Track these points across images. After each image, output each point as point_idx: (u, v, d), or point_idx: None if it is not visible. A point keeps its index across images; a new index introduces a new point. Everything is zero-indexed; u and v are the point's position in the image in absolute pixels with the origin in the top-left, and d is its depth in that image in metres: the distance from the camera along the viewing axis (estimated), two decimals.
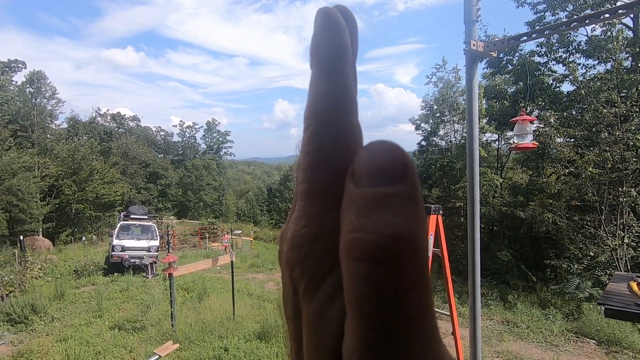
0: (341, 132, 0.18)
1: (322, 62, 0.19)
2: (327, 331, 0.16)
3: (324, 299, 0.17)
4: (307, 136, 0.18)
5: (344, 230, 0.16)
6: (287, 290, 0.19)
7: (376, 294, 0.14)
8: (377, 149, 0.16)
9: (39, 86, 27.00)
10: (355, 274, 0.14)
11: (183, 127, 50.76)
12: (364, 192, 0.15)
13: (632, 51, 12.95)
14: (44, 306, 8.56)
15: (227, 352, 6.19)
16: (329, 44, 0.19)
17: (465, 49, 3.02)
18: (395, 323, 0.14)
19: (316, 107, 0.19)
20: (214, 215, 37.58)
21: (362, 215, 0.15)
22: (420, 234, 0.15)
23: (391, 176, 0.15)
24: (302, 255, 0.17)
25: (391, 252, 0.14)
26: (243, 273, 13.17)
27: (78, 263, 13.20)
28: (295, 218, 0.18)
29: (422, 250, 0.15)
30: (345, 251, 0.15)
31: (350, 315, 0.15)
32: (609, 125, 10.86)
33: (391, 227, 0.14)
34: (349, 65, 0.20)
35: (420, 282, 0.15)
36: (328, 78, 0.19)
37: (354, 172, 0.16)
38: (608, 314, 2.48)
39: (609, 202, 10.85)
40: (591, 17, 3.08)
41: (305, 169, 0.18)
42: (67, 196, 23.41)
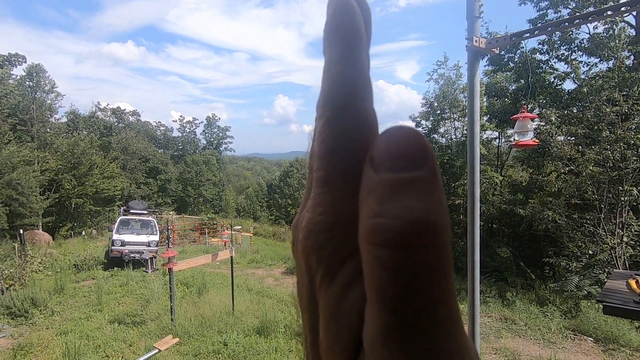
0: (358, 118, 0.18)
1: (337, 49, 0.19)
2: (346, 319, 0.16)
3: (342, 286, 0.16)
4: (322, 123, 0.18)
5: (364, 216, 0.15)
6: (303, 280, 0.19)
7: (399, 280, 0.14)
8: (396, 134, 0.16)
9: (38, 80, 26.92)
10: (377, 260, 0.14)
11: (183, 122, 50.70)
12: (384, 178, 0.15)
13: (634, 49, 12.90)
14: (44, 300, 8.58)
15: (226, 347, 6.22)
16: (343, 30, 0.19)
17: (467, 45, 3.00)
18: (419, 309, 0.14)
19: (331, 94, 0.18)
20: (214, 211, 37.60)
21: (383, 201, 0.15)
22: (442, 219, 0.15)
23: (411, 161, 0.15)
24: (319, 243, 0.17)
25: (413, 237, 0.14)
26: (242, 269, 13.20)
27: (78, 257, 13.24)
28: (312, 206, 0.18)
29: (445, 234, 0.15)
30: (366, 237, 0.15)
31: (371, 302, 0.15)
32: (610, 124, 10.84)
33: (413, 212, 0.14)
34: (364, 51, 0.19)
35: (443, 267, 0.14)
36: (343, 64, 0.19)
37: (372, 158, 0.16)
38: (607, 311, 2.49)
39: (608, 201, 10.86)
40: (594, 14, 3.07)
41: (321, 156, 0.18)
42: (66, 190, 23.42)
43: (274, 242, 23.34)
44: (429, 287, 0.14)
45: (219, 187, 43.97)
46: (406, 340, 0.14)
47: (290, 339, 6.62)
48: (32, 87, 26.66)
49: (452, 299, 0.15)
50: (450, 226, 0.15)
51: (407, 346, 0.14)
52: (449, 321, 0.15)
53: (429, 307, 0.14)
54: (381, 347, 0.14)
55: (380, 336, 0.14)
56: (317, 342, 0.18)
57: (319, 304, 0.17)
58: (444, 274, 0.15)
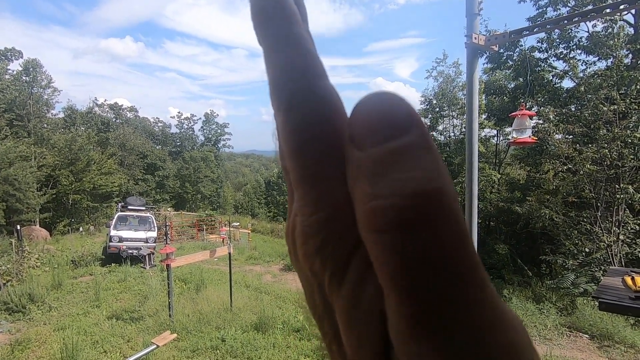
0: (317, 100, 0.16)
1: (270, 33, 0.17)
2: (367, 318, 0.14)
3: (354, 283, 0.14)
4: (281, 118, 0.16)
5: (359, 202, 0.14)
6: (311, 288, 0.17)
7: (413, 263, 0.12)
8: (372, 103, 0.14)
9: (35, 75, 26.79)
10: (384, 246, 0.13)
11: (181, 119, 50.55)
12: (370, 154, 0.14)
13: (632, 48, 12.93)
14: (42, 295, 8.58)
15: (224, 343, 6.24)
16: (271, 11, 0.17)
17: (466, 42, 3.01)
18: (442, 288, 0.12)
19: (280, 83, 0.16)
20: (212, 208, 37.58)
21: (376, 180, 0.13)
22: (445, 183, 0.13)
23: (396, 128, 0.14)
24: (319, 244, 0.15)
25: (418, 211, 0.12)
26: (240, 265, 13.21)
27: (75, 253, 13.20)
28: (299, 209, 0.16)
29: (452, 199, 0.13)
30: (367, 225, 0.13)
31: (389, 293, 0.13)
32: (608, 122, 10.89)
33: (411, 183, 0.13)
34: (301, 27, 0.18)
35: (459, 236, 0.13)
36: (283, 46, 0.17)
37: (352, 136, 0.15)
38: (602, 307, 2.51)
39: (605, 199, 10.92)
40: (593, 13, 3.07)
41: (291, 154, 0.16)
42: (64, 186, 23.34)
43: (272, 239, 23.36)
44: (449, 262, 0.12)
45: (217, 183, 43.93)
46: (435, 327, 0.12)
47: (287, 335, 6.65)
48: (28, 82, 26.52)
49: (478, 268, 0.13)
50: (455, 189, 0.13)
51: (438, 334, 0.12)
52: (478, 291, 0.13)
53: (452, 283, 0.12)
54: (409, 340, 0.12)
55: (406, 328, 0.13)
56: (343, 352, 0.15)
57: (334, 309, 0.15)
58: (461, 243, 0.13)
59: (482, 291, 0.13)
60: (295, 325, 6.96)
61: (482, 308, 0.13)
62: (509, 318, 0.13)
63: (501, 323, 0.13)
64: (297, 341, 6.43)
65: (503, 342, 0.12)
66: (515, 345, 0.13)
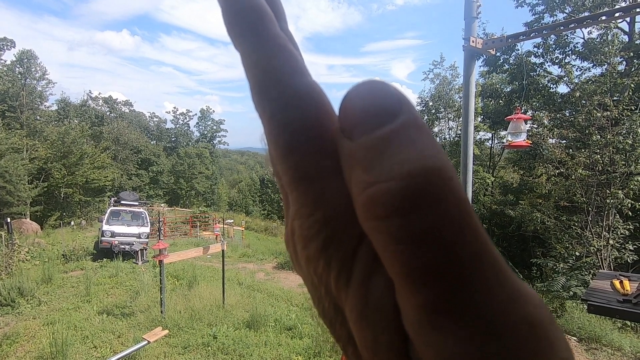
0: (301, 98, 0.15)
1: (245, 35, 0.17)
2: (379, 313, 0.13)
3: (362, 280, 0.14)
4: (268, 122, 0.16)
5: (356, 192, 0.13)
6: (318, 292, 0.16)
7: (421, 248, 0.12)
8: (359, 92, 0.14)
9: (29, 66, 26.46)
10: (388, 234, 0.12)
11: (176, 114, 50.24)
12: (363, 142, 0.13)
13: (626, 55, 13.11)
14: (31, 289, 8.48)
15: (215, 340, 6.23)
16: (243, 13, 0.17)
17: (464, 45, 3.03)
18: (457, 270, 0.12)
19: (262, 86, 0.16)
20: (206, 204, 37.41)
21: (370, 167, 0.13)
22: (442, 159, 0.12)
23: (386, 113, 0.13)
24: (321, 245, 0.14)
25: (418, 190, 0.12)
26: (233, 262, 13.18)
27: (66, 247, 13.07)
28: (296, 212, 0.15)
29: (451, 175, 0.12)
30: (366, 214, 0.13)
31: (399, 284, 0.12)
32: (601, 128, 11.03)
33: (408, 163, 0.12)
34: (276, 25, 0.17)
35: (464, 212, 0.12)
36: (259, 48, 0.16)
37: (343, 128, 0.14)
38: (591, 310, 2.56)
39: (596, 204, 11.07)
40: (589, 19, 3.11)
41: (281, 157, 0.15)
42: (56, 180, 23.09)
43: (265, 236, 23.33)
44: (459, 241, 0.12)
45: (211, 180, 43.73)
46: (454, 312, 0.12)
47: (279, 333, 6.65)
48: (22, 74, 26.18)
49: (489, 244, 0.12)
50: (452, 165, 0.13)
51: (457, 318, 0.11)
52: (496, 271, 0.12)
53: (468, 265, 0.12)
54: (427, 329, 0.12)
55: (422, 318, 0.12)
56: (358, 354, 0.15)
57: (345, 311, 0.15)
58: (469, 221, 0.12)
59: (496, 268, 0.12)
60: (288, 324, 6.97)
61: (500, 286, 0.12)
62: (528, 293, 0.12)
63: (520, 299, 0.12)
64: (289, 339, 6.44)
65: (525, 319, 0.12)
66: (539, 321, 0.12)
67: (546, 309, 0.13)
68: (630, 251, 10.64)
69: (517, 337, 0.11)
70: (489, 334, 0.11)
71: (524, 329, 0.12)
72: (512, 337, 0.11)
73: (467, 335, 0.11)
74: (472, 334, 0.11)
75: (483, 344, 0.11)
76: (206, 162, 43.08)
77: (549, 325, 0.12)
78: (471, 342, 0.11)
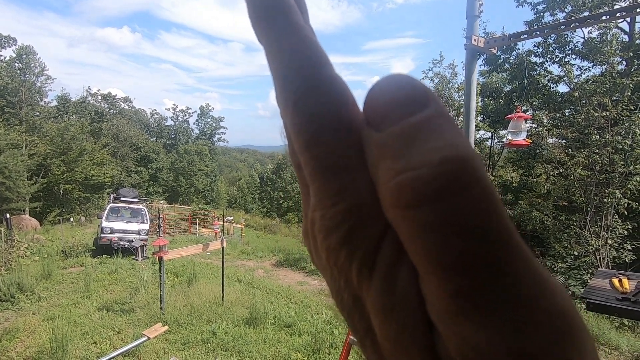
0: (326, 89, 0.15)
1: (270, 29, 0.17)
2: (404, 304, 0.13)
3: (386, 270, 0.14)
4: (291, 112, 0.16)
5: (384, 181, 0.13)
6: (337, 284, 0.16)
7: (451, 236, 0.11)
8: (386, 85, 0.14)
9: (28, 62, 26.38)
10: (417, 222, 0.12)
11: (176, 111, 50.18)
12: (391, 132, 0.13)
13: (625, 55, 13.11)
14: (31, 285, 8.49)
15: (215, 336, 6.25)
16: (267, 8, 0.17)
17: (466, 44, 3.04)
18: (486, 258, 0.11)
19: (287, 78, 0.16)
20: (205, 202, 37.43)
21: (399, 155, 0.13)
22: (470, 149, 0.12)
23: (414, 104, 0.13)
24: (343, 236, 0.14)
25: (449, 178, 0.12)
26: (233, 260, 13.20)
27: (66, 244, 13.07)
28: (318, 203, 0.15)
29: (480, 164, 0.12)
30: (395, 203, 0.13)
31: (427, 273, 0.12)
32: (600, 128, 11.05)
33: (439, 151, 0.12)
34: (300, 18, 0.17)
35: (492, 200, 0.12)
36: (286, 39, 0.16)
37: (369, 119, 0.14)
38: (590, 308, 2.58)
39: (595, 204, 11.10)
40: (589, 19, 3.12)
41: (304, 147, 0.15)
42: (55, 176, 23.07)
43: (265, 234, 23.35)
44: (489, 230, 0.12)
45: (211, 177, 43.72)
46: (483, 301, 0.11)
47: (279, 330, 6.67)
48: (21, 69, 26.10)
49: (515, 233, 0.12)
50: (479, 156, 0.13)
51: (487, 308, 0.11)
52: (524, 259, 0.12)
53: (497, 253, 0.12)
54: (456, 320, 0.12)
55: (450, 308, 0.12)
56: (377, 343, 0.14)
57: (365, 302, 0.14)
58: (497, 207, 0.12)
59: (524, 257, 0.12)
60: (287, 321, 6.99)
61: (528, 275, 0.12)
62: (553, 283, 0.12)
63: (548, 289, 0.12)
64: (288, 336, 6.47)
65: (553, 309, 0.12)
66: (565, 311, 0.12)
67: (572, 302, 0.12)
68: (628, 251, 10.68)
69: (549, 326, 0.11)
70: (521, 323, 0.11)
71: (556, 319, 0.12)
72: (545, 326, 0.11)
73: (498, 324, 0.11)
74: (503, 323, 0.11)
75: (515, 333, 0.11)
76: (205, 160, 43.05)
77: (577, 316, 0.12)
78: (502, 332, 0.11)
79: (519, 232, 0.11)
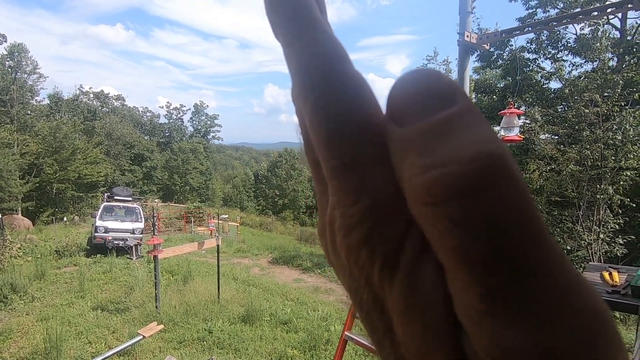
0: (346, 85, 0.15)
1: (289, 23, 0.17)
2: (429, 302, 0.13)
3: (410, 268, 0.13)
4: (311, 108, 0.15)
5: (411, 177, 0.13)
6: (356, 283, 0.15)
7: (483, 233, 0.11)
8: (411, 80, 0.14)
9: (20, 60, 26.02)
10: (447, 219, 0.12)
11: (170, 109, 49.81)
12: (417, 128, 0.13)
13: (616, 51, 13.23)
14: (24, 285, 8.41)
15: (211, 334, 6.25)
16: (288, 1, 0.17)
17: (459, 40, 3.05)
18: (519, 255, 0.11)
19: (306, 73, 0.16)
20: (200, 200, 37.27)
21: (427, 152, 0.12)
22: (502, 145, 0.12)
23: (442, 99, 0.13)
24: (365, 234, 0.14)
25: (482, 174, 0.11)
26: (228, 258, 13.18)
27: (59, 243, 12.95)
28: (337, 201, 0.15)
29: (512, 160, 0.12)
30: (423, 199, 0.12)
31: (455, 271, 0.12)
32: (591, 124, 11.16)
33: (471, 147, 0.12)
34: (319, 13, 0.17)
35: (524, 196, 0.12)
36: (305, 33, 0.16)
37: (393, 115, 0.14)
38: None
39: (587, 199, 11.23)
40: (581, 15, 3.15)
41: (324, 144, 0.15)
42: (48, 175, 22.83)
43: (260, 232, 23.34)
44: (520, 225, 0.11)
45: (205, 175, 43.50)
46: (515, 299, 0.11)
47: (275, 328, 6.69)
48: (12, 68, 25.73)
49: (545, 229, 0.12)
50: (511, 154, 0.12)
51: (519, 306, 0.11)
52: (555, 256, 0.12)
53: (529, 250, 0.11)
54: (486, 319, 0.11)
55: (481, 306, 0.11)
56: (396, 342, 0.14)
57: (385, 301, 0.14)
58: (529, 204, 0.12)
59: (556, 255, 0.12)
60: (283, 318, 7.01)
61: (560, 272, 0.12)
62: (585, 283, 0.12)
63: (580, 289, 0.12)
64: (284, 333, 6.49)
65: (586, 309, 0.11)
66: (598, 312, 0.12)
67: (602, 299, 0.12)
68: (620, 245, 10.83)
69: (582, 326, 0.11)
70: (554, 322, 0.11)
71: (588, 318, 0.11)
72: (578, 326, 0.11)
73: (529, 323, 0.11)
74: (535, 322, 0.11)
75: (547, 332, 0.11)
76: (200, 158, 42.81)
77: (609, 317, 0.12)
78: (535, 331, 0.11)
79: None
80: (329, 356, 5.55)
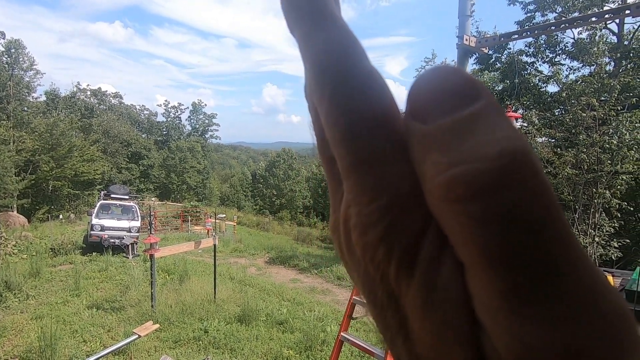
0: (364, 80, 0.15)
1: (306, 17, 0.17)
2: (447, 300, 0.13)
3: (428, 266, 0.13)
4: (327, 104, 0.15)
5: (433, 174, 0.13)
6: (371, 282, 0.15)
7: (506, 230, 0.11)
8: (432, 76, 0.14)
9: (17, 56, 25.85)
10: (469, 217, 0.11)
11: (168, 107, 49.65)
12: (440, 125, 0.13)
13: (614, 56, 13.33)
14: (19, 283, 8.36)
15: (207, 334, 6.24)
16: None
17: (458, 43, 3.06)
18: (543, 253, 0.11)
19: (322, 68, 0.15)
20: (197, 199, 37.15)
21: (450, 149, 0.12)
22: (527, 142, 0.12)
23: (465, 96, 0.13)
24: (382, 232, 0.14)
25: (507, 171, 0.11)
26: (225, 257, 13.16)
27: (55, 241, 12.89)
28: (353, 199, 0.15)
29: (536, 158, 0.12)
30: (445, 196, 0.12)
31: (477, 269, 0.12)
32: (588, 128, 11.23)
33: (496, 144, 0.12)
34: (335, 8, 0.17)
35: (549, 193, 0.12)
36: (322, 28, 0.16)
37: (414, 111, 0.14)
38: None
39: (583, 202, 11.30)
40: (579, 20, 3.17)
41: (340, 140, 0.15)
42: (44, 172, 22.69)
43: (257, 231, 23.30)
44: (546, 225, 0.11)
45: (203, 174, 43.37)
46: (538, 298, 0.11)
47: (271, 328, 6.69)
48: (9, 64, 25.58)
49: (568, 226, 0.12)
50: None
51: (542, 305, 0.11)
52: (578, 254, 0.12)
53: (553, 248, 0.11)
54: (508, 318, 0.11)
55: (503, 305, 0.11)
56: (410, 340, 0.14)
57: (401, 299, 0.14)
58: (553, 202, 0.12)
59: (580, 254, 0.12)
60: (279, 318, 7.00)
61: (584, 273, 0.11)
62: (607, 283, 0.12)
63: (603, 287, 0.12)
64: (280, 333, 6.48)
65: (609, 308, 0.11)
66: (621, 311, 0.11)
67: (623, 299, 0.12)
68: (615, 248, 10.91)
69: (605, 325, 0.11)
70: (578, 322, 0.11)
71: (614, 319, 0.11)
72: (601, 325, 0.11)
73: (553, 321, 0.11)
74: (559, 321, 0.11)
75: (572, 331, 0.11)
76: (198, 156, 42.69)
77: (632, 317, 0.12)
78: (558, 330, 0.11)
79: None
80: (325, 357, 5.55)
